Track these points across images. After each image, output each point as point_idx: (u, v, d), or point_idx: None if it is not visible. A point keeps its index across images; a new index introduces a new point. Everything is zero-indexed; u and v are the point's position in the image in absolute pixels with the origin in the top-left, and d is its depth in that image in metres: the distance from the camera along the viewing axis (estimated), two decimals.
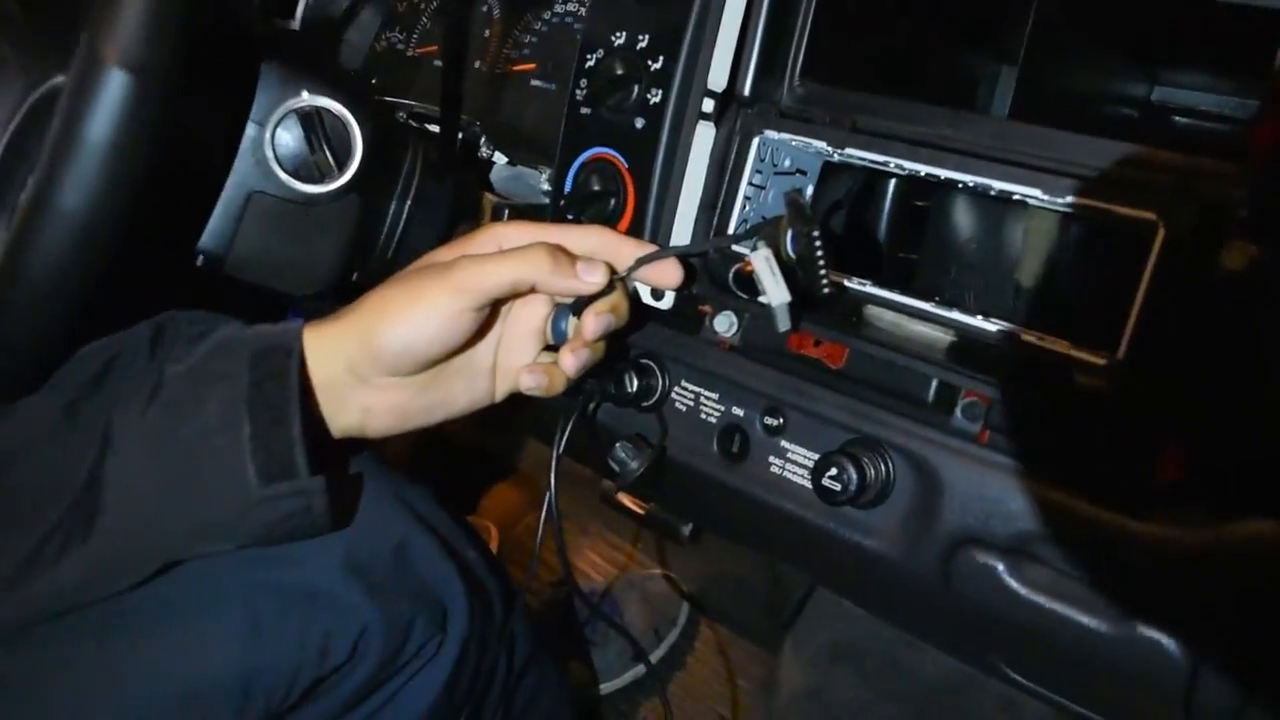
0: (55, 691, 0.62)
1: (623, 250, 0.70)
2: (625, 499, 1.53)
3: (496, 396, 0.73)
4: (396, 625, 0.71)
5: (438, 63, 1.14)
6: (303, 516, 0.61)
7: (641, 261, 0.70)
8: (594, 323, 0.69)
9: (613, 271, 0.69)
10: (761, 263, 0.61)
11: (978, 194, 0.84)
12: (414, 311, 0.65)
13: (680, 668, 1.37)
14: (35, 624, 0.61)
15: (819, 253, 0.58)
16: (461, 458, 1.71)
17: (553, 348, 0.73)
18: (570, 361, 0.69)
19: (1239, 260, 0.56)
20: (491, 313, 0.69)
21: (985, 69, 0.94)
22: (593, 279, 0.68)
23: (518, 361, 0.72)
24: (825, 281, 0.59)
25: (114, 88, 0.61)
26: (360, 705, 0.74)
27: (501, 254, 0.67)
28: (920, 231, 0.89)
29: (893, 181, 0.91)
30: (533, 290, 0.68)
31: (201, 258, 0.82)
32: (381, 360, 0.65)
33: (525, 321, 0.72)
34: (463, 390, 0.71)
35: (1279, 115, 0.57)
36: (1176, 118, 0.88)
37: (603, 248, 0.70)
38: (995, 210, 0.83)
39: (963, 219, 0.87)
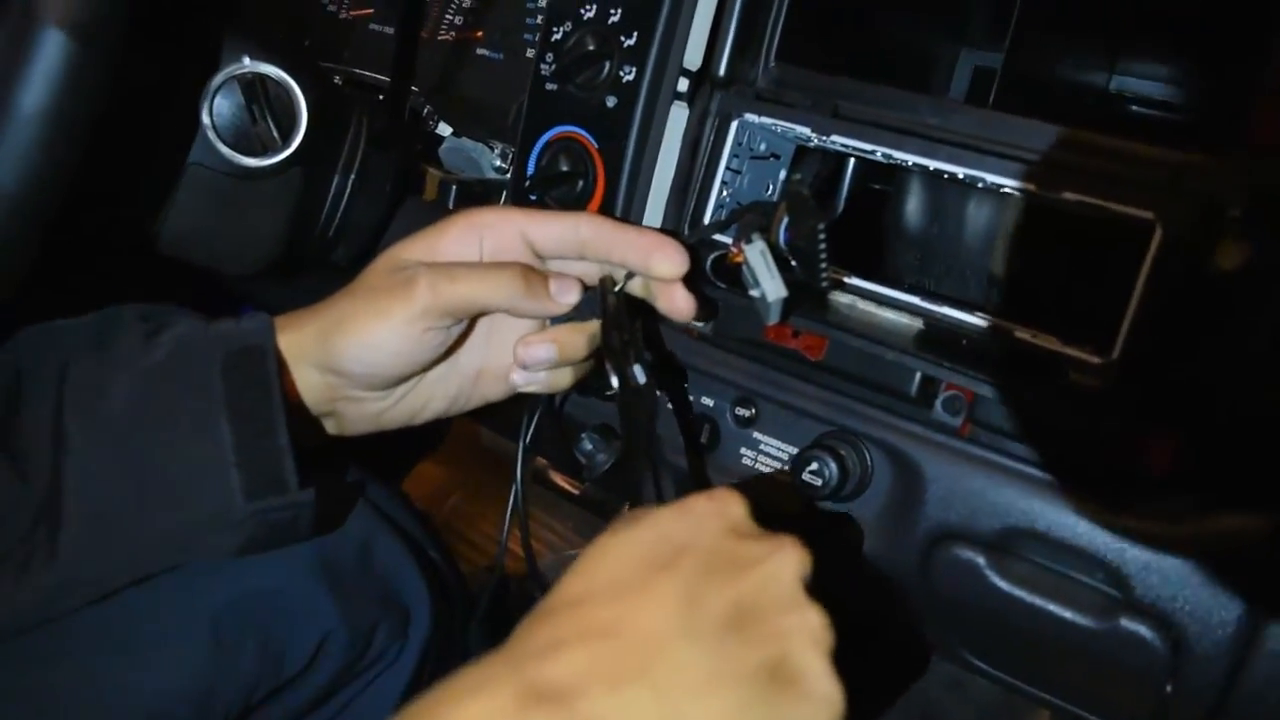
0: None
1: (618, 240, 0.63)
2: (558, 477, 1.50)
3: (490, 398, 0.68)
4: (360, 630, 0.67)
5: (373, 26, 1.08)
6: (287, 529, 0.57)
7: (630, 277, 0.65)
8: (570, 339, 0.63)
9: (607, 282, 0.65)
10: (757, 255, 0.58)
11: (945, 180, 0.83)
12: (374, 329, 0.59)
13: None
14: None
15: (822, 246, 0.56)
16: (379, 435, 1.65)
17: None
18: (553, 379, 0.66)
19: (1234, 259, 0.56)
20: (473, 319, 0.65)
21: (945, 52, 0.93)
22: (567, 299, 0.63)
23: (508, 363, 0.66)
24: (825, 277, 0.57)
25: (51, 50, 0.55)
26: (313, 713, 0.71)
27: (470, 271, 0.60)
28: (878, 215, 0.88)
29: (851, 162, 0.90)
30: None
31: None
32: (345, 378, 0.61)
33: (513, 323, 0.66)
34: (444, 397, 0.66)
35: (1274, 114, 0.57)
36: (1134, 107, 0.88)
37: (595, 240, 0.63)
38: (962, 194, 0.82)
39: (925, 204, 0.85)
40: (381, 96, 0.97)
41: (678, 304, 0.63)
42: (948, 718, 1.09)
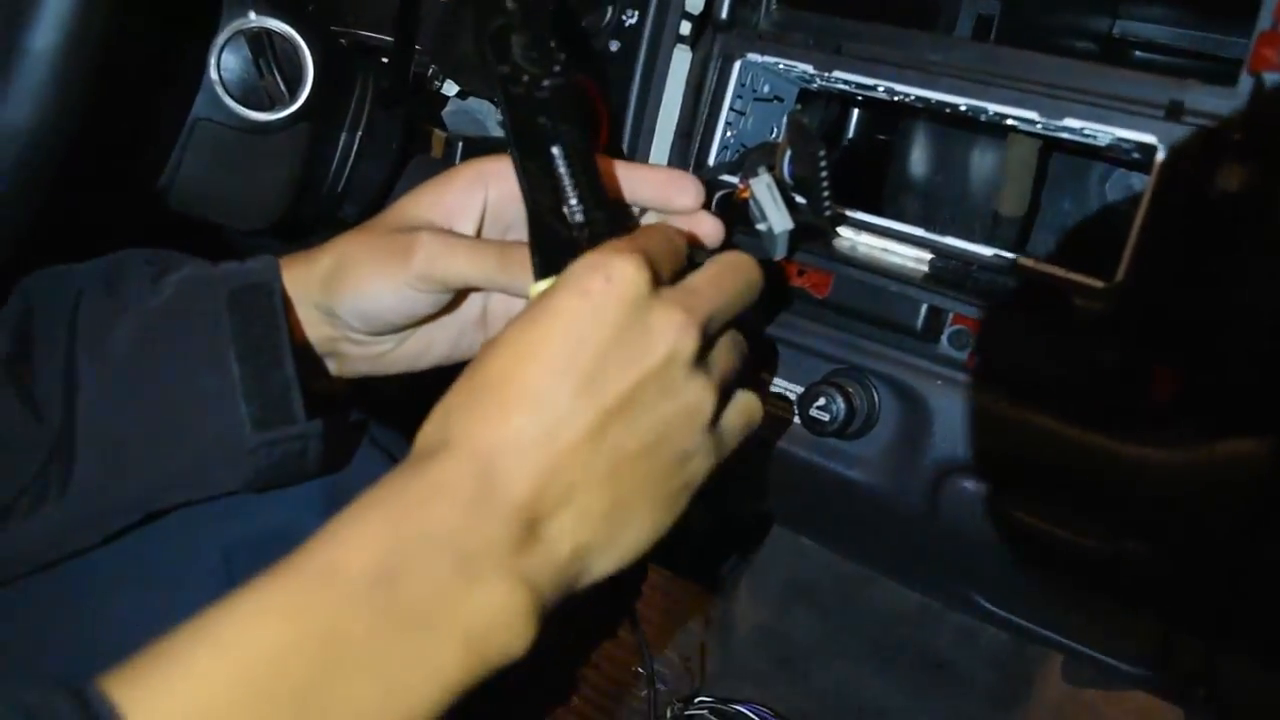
0: (11, 658, 0.57)
1: (631, 179, 0.61)
2: None
3: None
4: None
5: None
6: (295, 462, 0.57)
7: (642, 214, 0.63)
8: None
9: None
10: (763, 189, 0.59)
11: (948, 124, 0.83)
12: (371, 282, 0.58)
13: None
14: None
15: (824, 173, 0.57)
16: (388, 408, 1.66)
17: None
18: None
19: (1234, 182, 0.57)
20: None
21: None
22: None
23: (514, 310, 0.65)
24: (828, 206, 0.58)
25: None
26: None
27: (470, 248, 0.59)
28: (882, 165, 0.89)
29: (855, 113, 0.90)
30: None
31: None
32: (344, 322, 0.61)
33: None
34: (446, 341, 0.65)
35: (1273, 38, 0.58)
36: (1137, 51, 0.88)
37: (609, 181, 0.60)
38: (965, 140, 0.83)
39: (929, 150, 0.86)
40: (385, 58, 0.98)
41: (706, 230, 0.62)
42: (959, 668, 1.10)
